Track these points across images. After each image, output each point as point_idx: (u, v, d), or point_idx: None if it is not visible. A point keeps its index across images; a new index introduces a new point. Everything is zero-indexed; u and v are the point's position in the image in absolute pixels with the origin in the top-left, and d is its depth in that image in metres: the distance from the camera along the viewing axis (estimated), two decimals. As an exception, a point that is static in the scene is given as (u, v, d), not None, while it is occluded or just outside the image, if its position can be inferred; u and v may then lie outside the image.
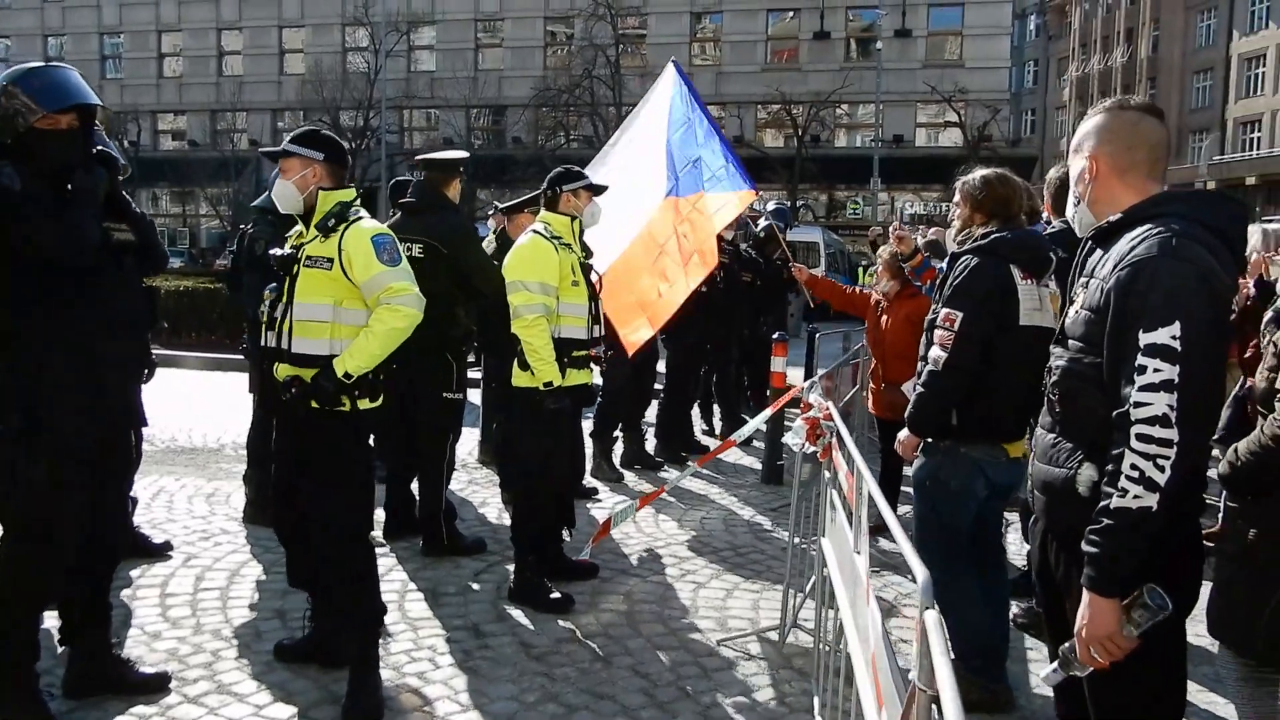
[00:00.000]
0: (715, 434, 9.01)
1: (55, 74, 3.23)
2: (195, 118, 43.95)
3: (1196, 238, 2.13)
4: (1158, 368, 2.03)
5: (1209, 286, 2.09)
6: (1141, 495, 2.03)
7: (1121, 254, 2.17)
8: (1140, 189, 2.31)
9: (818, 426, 3.45)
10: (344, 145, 4.00)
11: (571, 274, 4.62)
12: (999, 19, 38.51)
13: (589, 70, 35.29)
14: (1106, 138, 2.35)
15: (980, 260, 3.58)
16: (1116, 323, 2.13)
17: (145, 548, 5.12)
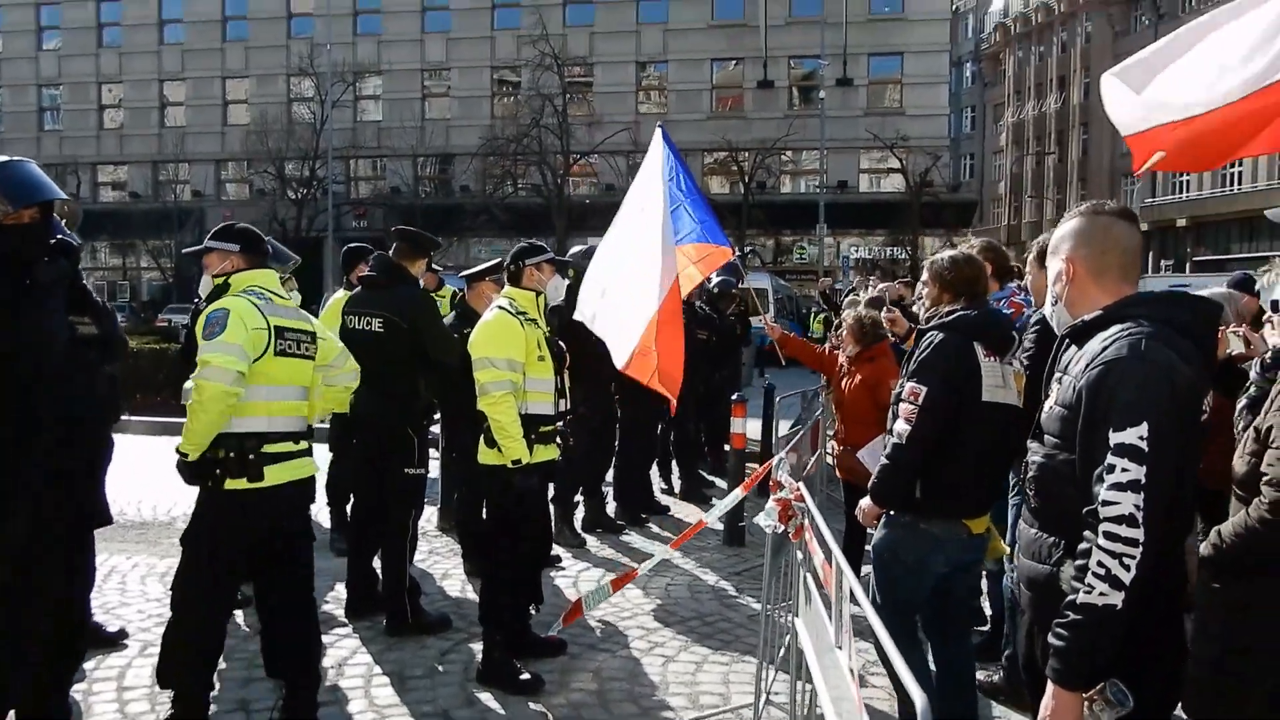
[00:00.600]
0: (674, 492, 9.01)
1: (21, 169, 3.19)
2: (137, 169, 43.46)
3: (1165, 340, 2.21)
4: (1125, 467, 2.10)
5: (1175, 389, 2.17)
6: (1107, 593, 2.09)
7: (1093, 353, 2.24)
8: (1114, 291, 2.39)
9: (789, 507, 3.48)
10: (260, 235, 4.02)
11: (538, 349, 4.62)
12: (937, 68, 39.52)
13: (536, 119, 35.52)
14: (1082, 241, 2.43)
15: (945, 336, 3.65)
16: (1088, 421, 2.20)
17: (101, 637, 4.97)
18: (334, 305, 6.84)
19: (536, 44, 35.35)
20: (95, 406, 3.36)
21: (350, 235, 40.31)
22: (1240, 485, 2.84)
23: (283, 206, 38.29)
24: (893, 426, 3.67)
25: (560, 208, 35.91)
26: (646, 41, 40.00)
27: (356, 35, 41.25)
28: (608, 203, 37.83)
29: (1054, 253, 2.48)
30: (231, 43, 42.84)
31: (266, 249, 4.02)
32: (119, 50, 43.55)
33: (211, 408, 3.50)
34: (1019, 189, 57.07)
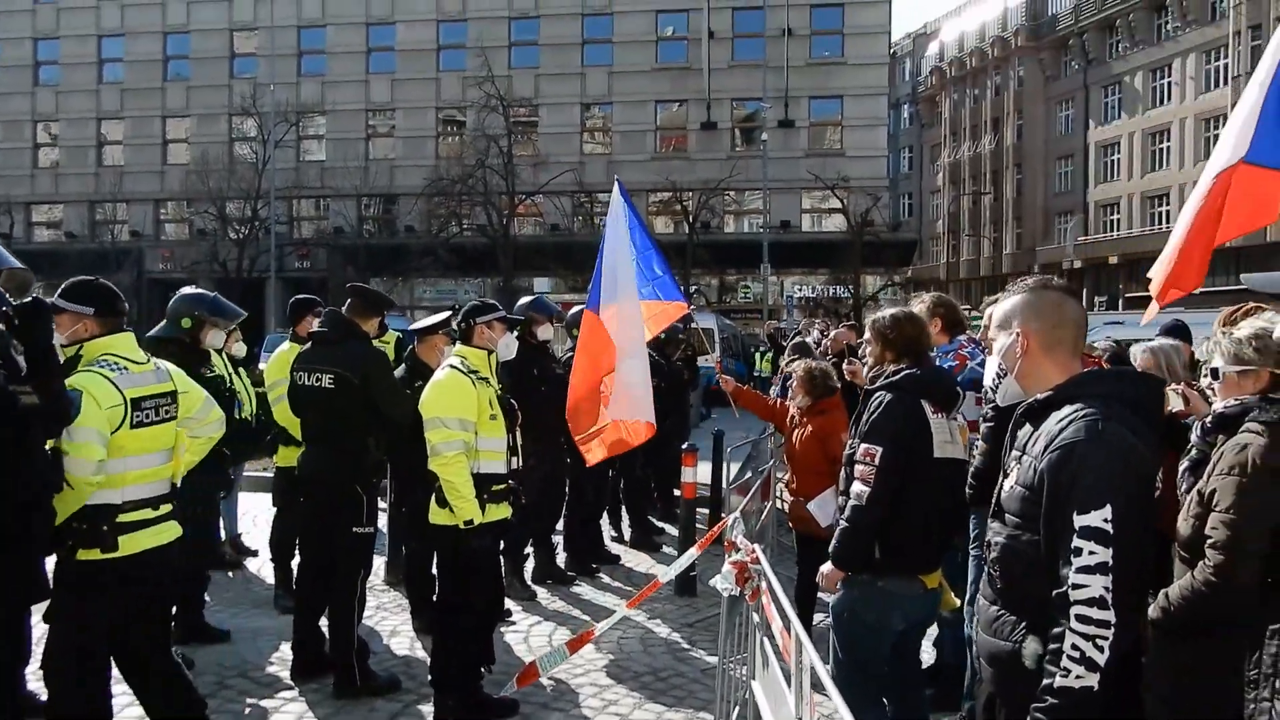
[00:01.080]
0: (624, 540, 8.97)
1: None
2: (73, 209, 42.62)
3: (1120, 419, 2.26)
4: (1093, 550, 2.15)
5: (1134, 469, 2.22)
6: (1083, 675, 2.12)
7: (1052, 435, 2.29)
8: (1065, 366, 2.44)
9: (745, 570, 3.49)
10: (116, 294, 3.90)
11: (490, 408, 4.60)
12: (876, 110, 40.33)
13: (482, 160, 35.53)
14: (1034, 315, 2.49)
15: (893, 396, 3.71)
16: (1051, 503, 2.24)
17: (35, 705, 4.80)
18: (281, 358, 6.76)
19: (482, 85, 35.45)
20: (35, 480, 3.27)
21: (293, 275, 39.93)
22: (1185, 547, 2.92)
23: (224, 246, 37.78)
24: (848, 488, 3.71)
25: (506, 248, 35.88)
26: (591, 83, 40.34)
27: (300, 75, 41.04)
28: (553, 243, 38.05)
29: (1003, 326, 2.53)
30: (172, 82, 42.36)
31: (123, 309, 3.91)
32: (56, 89, 42.83)
33: (72, 497, 3.45)
34: (956, 228, 58.26)
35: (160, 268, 41.65)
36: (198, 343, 5.77)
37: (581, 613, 6.80)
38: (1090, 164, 49.15)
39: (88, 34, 42.55)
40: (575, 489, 7.92)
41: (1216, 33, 41.69)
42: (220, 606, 6.63)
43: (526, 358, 7.20)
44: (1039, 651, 2.28)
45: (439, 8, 40.81)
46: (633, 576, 7.82)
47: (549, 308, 7.65)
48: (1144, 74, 45.84)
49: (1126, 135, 46.68)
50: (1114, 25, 47.48)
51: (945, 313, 5.13)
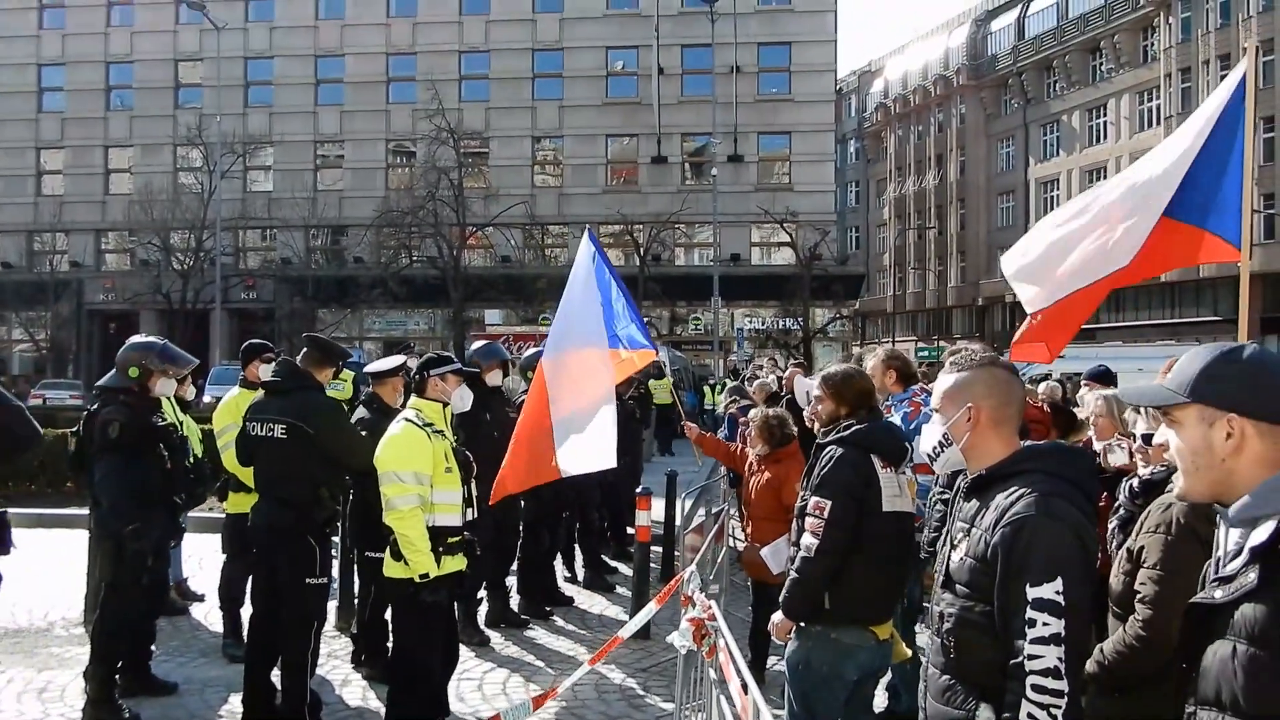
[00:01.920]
0: (578, 580, 8.95)
1: None
2: (10, 239, 41.78)
3: (1064, 494, 2.35)
4: (1046, 621, 2.23)
5: (1082, 542, 2.33)
6: None
7: (1002, 509, 2.37)
8: (1009, 442, 2.53)
9: (702, 626, 3.52)
10: None
11: (445, 461, 4.61)
12: (823, 146, 41.04)
13: (432, 192, 35.49)
14: (985, 392, 2.57)
15: (844, 451, 3.79)
16: (1004, 576, 2.33)
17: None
18: (231, 403, 6.70)
19: (432, 118, 35.46)
20: None
21: (239, 306, 39.45)
22: (1117, 603, 3.03)
23: (168, 277, 37.24)
24: (798, 539, 3.77)
25: (456, 280, 35.79)
26: (542, 117, 40.57)
27: (248, 106, 40.82)
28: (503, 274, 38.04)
29: (949, 398, 2.61)
30: (115, 112, 41.89)
31: None
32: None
33: None
34: (902, 260, 59.25)
35: (101, 298, 40.97)
36: (147, 391, 5.69)
37: (536, 658, 6.77)
38: (1031, 199, 50.35)
39: (27, 62, 41.95)
40: (530, 531, 7.91)
41: (1149, 74, 43.11)
42: (166, 655, 6.50)
43: (478, 402, 7.21)
44: (991, 718, 2.34)
45: (389, 41, 40.87)
46: (587, 619, 7.81)
47: (498, 353, 7.66)
48: (1081, 113, 47.21)
49: (1065, 172, 47.95)
50: (1051, 66, 48.88)
51: (900, 365, 5.32)
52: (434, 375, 4.82)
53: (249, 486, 6.47)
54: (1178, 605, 2.81)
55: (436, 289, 36.43)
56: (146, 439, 5.50)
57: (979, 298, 53.15)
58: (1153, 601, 2.85)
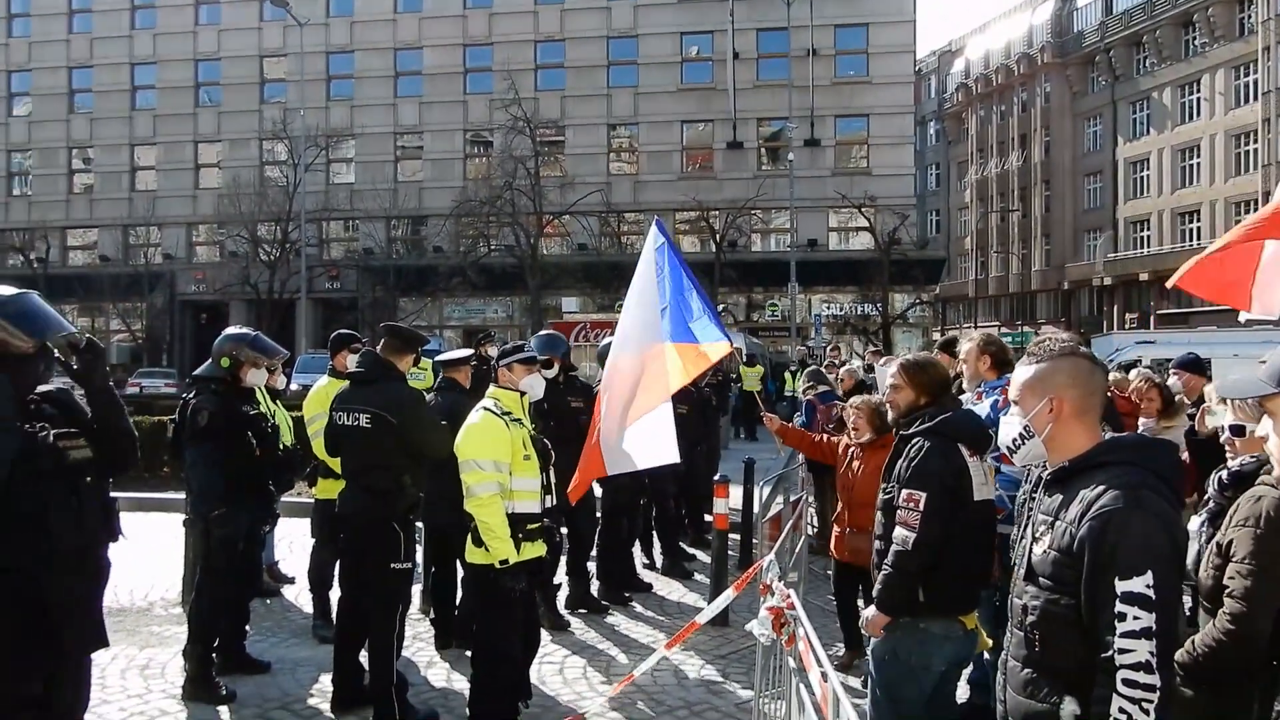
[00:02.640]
0: (656, 567, 9.01)
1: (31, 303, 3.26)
2: (107, 233, 43.33)
3: (1151, 486, 2.31)
4: (1137, 615, 2.20)
5: (1171, 534, 2.28)
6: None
7: (1088, 502, 2.34)
8: (1092, 433, 2.49)
9: (781, 615, 3.53)
10: None
11: (523, 448, 4.67)
12: (902, 128, 40.34)
13: (509, 181, 35.81)
14: (1068, 382, 2.53)
15: (933, 441, 3.74)
16: (1092, 570, 2.29)
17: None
18: (320, 392, 6.88)
19: (509, 108, 35.77)
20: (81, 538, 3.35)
21: (323, 296, 40.37)
22: (1207, 598, 2.96)
23: (255, 269, 38.27)
24: (886, 534, 3.74)
25: (533, 268, 36.11)
26: (617, 104, 40.62)
27: (330, 100, 41.63)
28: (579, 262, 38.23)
29: (1031, 390, 2.57)
30: (204, 108, 43.09)
31: None
32: (90, 115, 43.64)
33: None
34: (984, 244, 58.04)
35: (193, 289, 42.27)
36: (238, 381, 5.89)
37: (615, 643, 6.83)
38: (1119, 180, 48.86)
39: (121, 62, 43.36)
40: (608, 519, 7.99)
41: (1245, 48, 41.44)
42: (260, 636, 6.73)
43: (558, 391, 7.32)
44: (1076, 712, 2.32)
45: (465, 32, 41.27)
46: (665, 605, 7.86)
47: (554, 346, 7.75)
48: (1173, 90, 45.58)
49: (1156, 151, 46.41)
50: (1141, 41, 47.27)
51: (995, 351, 5.27)
52: (503, 365, 4.92)
53: (337, 473, 6.67)
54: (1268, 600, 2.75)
55: (514, 277, 36.79)
56: (235, 427, 5.70)
57: (1064, 281, 51.82)
58: (1242, 596, 2.78)
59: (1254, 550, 2.79)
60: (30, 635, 3.14)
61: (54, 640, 3.21)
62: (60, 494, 3.25)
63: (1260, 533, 2.79)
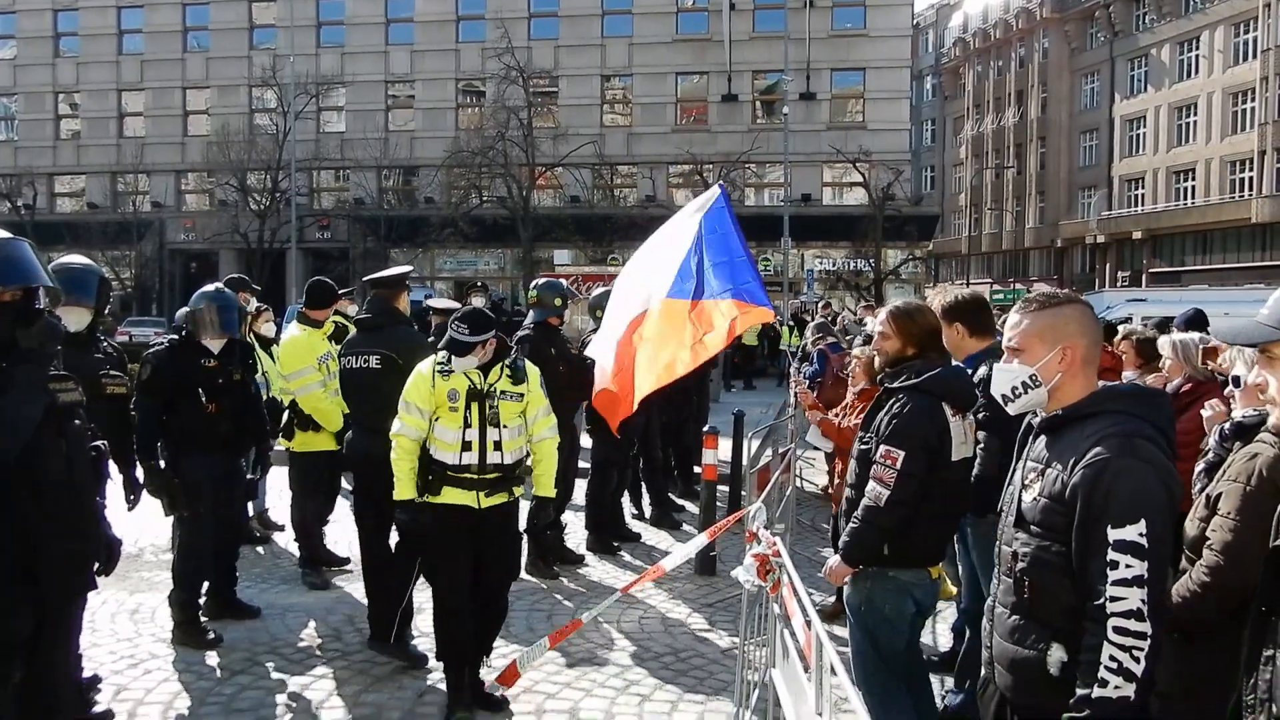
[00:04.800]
0: (645, 517, 9.06)
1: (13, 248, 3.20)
2: (95, 180, 42.79)
3: (1146, 436, 2.31)
4: (1129, 564, 2.22)
5: (1167, 486, 2.29)
6: (1121, 685, 2.20)
7: (1081, 450, 2.34)
8: (1091, 381, 2.49)
9: (767, 563, 3.55)
10: None
11: (449, 401, 4.70)
12: (898, 83, 39.97)
13: (502, 132, 35.45)
14: (1079, 330, 2.52)
15: (918, 399, 3.70)
16: (1084, 518, 2.30)
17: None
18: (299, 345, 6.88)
19: (501, 57, 35.29)
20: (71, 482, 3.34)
21: (314, 246, 40.12)
22: (1190, 548, 2.97)
23: (245, 218, 37.97)
24: (858, 484, 3.74)
25: (525, 220, 35.89)
26: (611, 55, 40.13)
27: (320, 47, 41.01)
28: (572, 215, 37.95)
29: (1040, 338, 2.53)
30: (192, 53, 42.41)
31: None
32: (76, 60, 42.97)
33: None
34: (979, 201, 57.88)
35: (182, 238, 41.95)
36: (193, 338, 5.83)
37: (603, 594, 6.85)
38: (1115, 138, 48.67)
39: (107, 5, 42.59)
40: (598, 470, 8.02)
41: (1246, 5, 41.07)
42: (250, 582, 6.76)
43: (545, 337, 7.30)
44: (1063, 659, 2.34)
45: (458, -22, 40.63)
46: (654, 554, 7.90)
47: (564, 290, 7.73)
48: (1171, 46, 45.25)
49: (1153, 109, 46.18)
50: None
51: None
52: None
53: (318, 426, 6.70)
54: (1247, 554, 2.76)
55: (506, 229, 36.57)
56: (183, 382, 5.63)
57: (1058, 239, 51.78)
58: (1222, 549, 2.79)
59: (1239, 506, 2.78)
60: (17, 575, 3.15)
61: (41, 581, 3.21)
62: (49, 435, 3.23)
63: (1249, 490, 2.77)
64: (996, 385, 2.62)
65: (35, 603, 3.22)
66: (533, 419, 4.91)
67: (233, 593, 6.18)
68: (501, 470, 4.76)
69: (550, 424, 4.99)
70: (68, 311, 4.67)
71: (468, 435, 4.70)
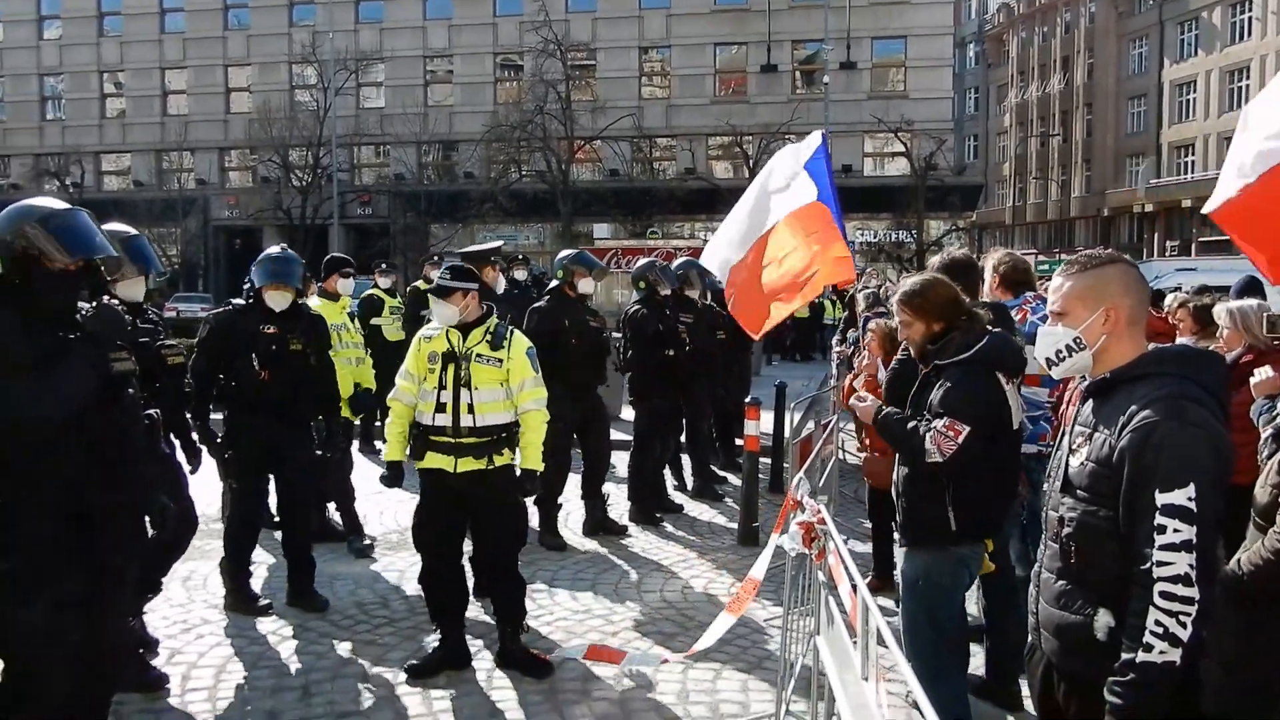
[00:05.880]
0: (687, 489, 9.06)
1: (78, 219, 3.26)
2: (140, 158, 43.39)
3: (1196, 398, 2.27)
4: (1177, 528, 2.18)
5: (1217, 449, 2.24)
6: (1166, 651, 2.17)
7: (1129, 414, 2.30)
8: (1138, 343, 2.44)
9: (812, 530, 3.54)
10: None
11: (428, 364, 4.89)
12: (941, 51, 39.35)
13: (540, 105, 35.42)
14: (1123, 290, 2.46)
15: (973, 373, 3.63)
16: (1132, 482, 2.26)
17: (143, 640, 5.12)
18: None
19: (539, 30, 35.21)
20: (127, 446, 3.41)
21: (355, 222, 40.40)
22: (1261, 514, 2.92)
23: (287, 194, 38.32)
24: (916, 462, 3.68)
25: (564, 194, 35.89)
26: (649, 26, 39.86)
27: (359, 23, 41.10)
28: (611, 188, 37.77)
29: (1082, 300, 2.49)
30: (233, 31, 42.72)
31: None
32: (120, 39, 43.42)
33: None
34: (1024, 170, 56.95)
35: (226, 215, 42.42)
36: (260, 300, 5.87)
37: (644, 565, 6.88)
38: (1164, 103, 47.58)
39: (150, -17, 42.96)
40: (640, 441, 8.04)
41: (1302, -37, 39.87)
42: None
43: (560, 308, 7.31)
44: (1110, 624, 2.31)
45: (495, -49, 40.48)
46: (696, 526, 7.93)
47: (591, 261, 7.71)
48: (1222, 9, 44.07)
49: (1203, 73, 45.07)
50: (1192, -43, 45.62)
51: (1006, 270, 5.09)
52: None
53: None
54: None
55: (546, 203, 36.60)
56: (234, 347, 5.64)
57: (1104, 208, 50.84)
58: None
59: None
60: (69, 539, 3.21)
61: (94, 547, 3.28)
62: (103, 404, 3.29)
63: None
64: (1040, 349, 2.57)
65: (90, 565, 3.28)
66: (518, 388, 4.91)
67: (304, 581, 5.96)
68: (475, 434, 4.84)
69: (536, 396, 4.96)
70: (131, 283, 4.79)
71: (442, 397, 4.82)
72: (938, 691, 3.40)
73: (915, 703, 2.12)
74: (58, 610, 3.16)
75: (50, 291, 3.17)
